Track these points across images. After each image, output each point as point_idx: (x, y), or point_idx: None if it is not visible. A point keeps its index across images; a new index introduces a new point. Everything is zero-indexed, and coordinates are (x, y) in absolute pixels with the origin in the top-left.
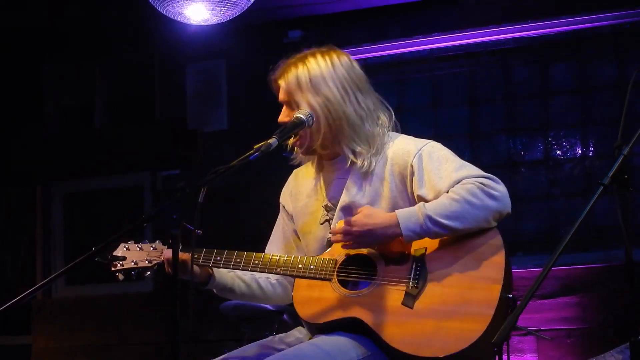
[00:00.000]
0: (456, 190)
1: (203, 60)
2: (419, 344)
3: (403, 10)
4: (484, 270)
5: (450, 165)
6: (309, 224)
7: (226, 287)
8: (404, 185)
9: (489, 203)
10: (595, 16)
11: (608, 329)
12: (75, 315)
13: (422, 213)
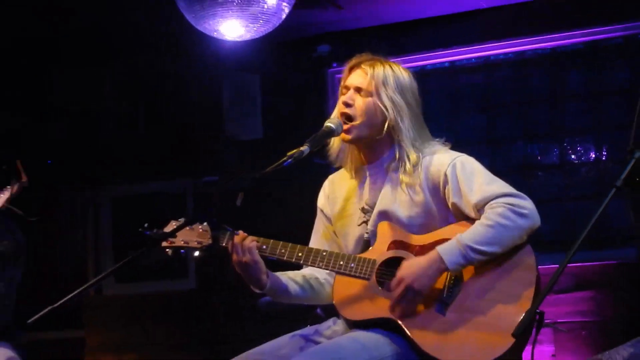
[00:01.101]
0: (488, 215)
1: (238, 73)
2: (448, 351)
3: (424, 26)
4: (516, 288)
5: (481, 178)
6: (347, 226)
7: (281, 288)
8: (437, 192)
9: (521, 223)
10: (607, 28)
11: (621, 323)
12: (124, 311)
13: (461, 245)
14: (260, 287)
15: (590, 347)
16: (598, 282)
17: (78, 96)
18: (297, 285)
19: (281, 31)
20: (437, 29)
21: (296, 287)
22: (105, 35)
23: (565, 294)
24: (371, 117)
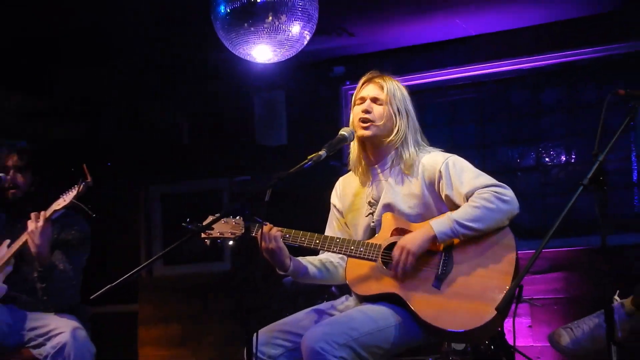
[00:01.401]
0: (475, 199)
1: (267, 90)
2: (443, 319)
3: (423, 50)
4: (498, 264)
5: (470, 173)
6: (356, 217)
7: (301, 271)
8: (432, 186)
9: (503, 207)
10: (577, 51)
11: (586, 299)
12: (171, 288)
13: (450, 220)
14: (284, 269)
15: (561, 319)
16: (568, 265)
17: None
18: (315, 267)
19: (303, 55)
20: (433, 53)
21: (314, 270)
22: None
23: (540, 275)
24: (386, 121)
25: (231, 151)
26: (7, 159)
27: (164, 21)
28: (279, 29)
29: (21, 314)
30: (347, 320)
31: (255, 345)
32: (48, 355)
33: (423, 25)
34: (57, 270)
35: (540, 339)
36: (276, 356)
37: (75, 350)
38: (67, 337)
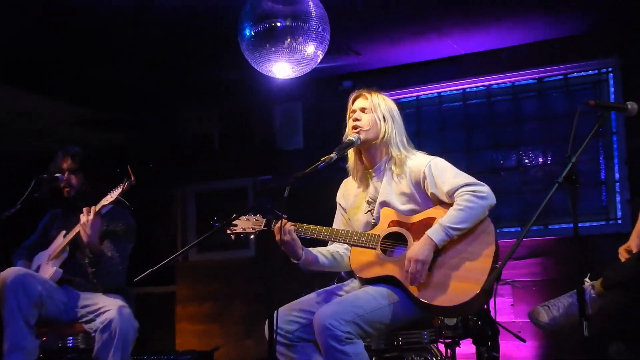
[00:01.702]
0: (458, 202)
1: (286, 102)
2: (434, 296)
3: (420, 67)
4: (481, 248)
5: (450, 173)
6: (357, 214)
7: (312, 259)
8: (419, 185)
9: (482, 203)
10: (551, 68)
11: (561, 281)
12: (204, 272)
13: (443, 227)
14: (297, 258)
15: (539, 299)
16: (545, 251)
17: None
18: (324, 257)
19: (316, 71)
20: (428, 69)
21: (323, 259)
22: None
23: (521, 260)
24: (373, 125)
25: (255, 155)
26: (62, 162)
27: (198, 47)
28: (296, 49)
29: (75, 294)
30: (353, 300)
31: (276, 322)
32: (97, 329)
33: (419, 45)
34: (105, 257)
35: (521, 316)
36: (292, 331)
37: (121, 325)
38: (114, 313)
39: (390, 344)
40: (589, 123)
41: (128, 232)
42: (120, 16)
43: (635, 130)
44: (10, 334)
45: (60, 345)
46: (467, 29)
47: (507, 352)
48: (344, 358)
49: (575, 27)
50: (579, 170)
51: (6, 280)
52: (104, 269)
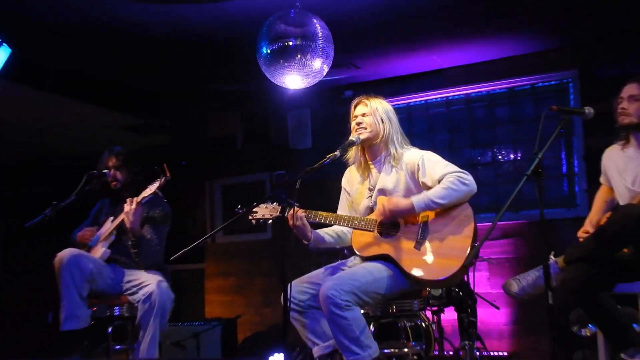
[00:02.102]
0: (444, 182)
1: (297, 108)
2: (422, 271)
3: (410, 78)
4: (461, 229)
5: (440, 164)
6: (359, 198)
7: (320, 240)
8: (413, 175)
9: (463, 188)
10: (520, 79)
11: (529, 258)
12: (229, 252)
13: (426, 197)
14: (307, 240)
15: (511, 273)
16: (516, 233)
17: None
18: (330, 236)
19: (322, 83)
20: (416, 80)
21: (329, 237)
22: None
23: (495, 241)
24: (373, 127)
25: (271, 153)
26: (108, 160)
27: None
28: (305, 64)
29: (120, 271)
30: (351, 274)
31: (289, 292)
32: (139, 300)
33: (409, 60)
34: (145, 240)
35: (496, 287)
36: (304, 300)
37: (159, 296)
38: (154, 287)
39: (385, 311)
40: (552, 125)
41: (165, 218)
42: (157, 39)
43: (591, 131)
44: (67, 304)
45: (108, 314)
46: (450, 47)
47: (484, 318)
48: (344, 322)
49: (541, 44)
50: (544, 165)
51: (63, 260)
52: (144, 249)
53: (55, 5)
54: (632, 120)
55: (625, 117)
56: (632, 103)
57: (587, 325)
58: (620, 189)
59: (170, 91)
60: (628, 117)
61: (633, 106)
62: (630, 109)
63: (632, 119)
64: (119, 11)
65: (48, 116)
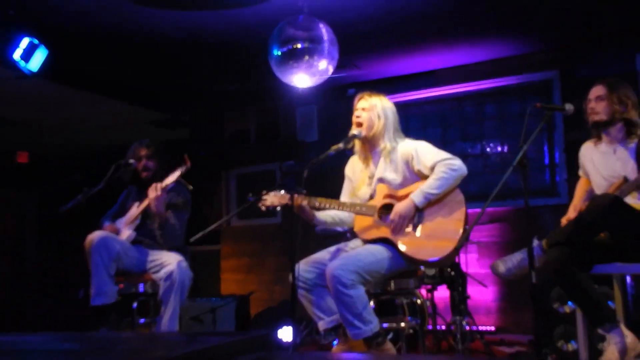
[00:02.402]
0: (435, 172)
1: (304, 105)
2: (418, 252)
3: (406, 78)
4: (453, 214)
5: (432, 153)
6: (360, 186)
7: (323, 222)
8: (408, 164)
9: (454, 174)
10: (508, 78)
11: (515, 241)
12: (242, 235)
13: (422, 192)
14: (310, 221)
15: (498, 255)
16: (503, 219)
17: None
18: (332, 218)
19: (328, 81)
20: (412, 80)
21: (330, 219)
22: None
23: (484, 225)
24: (371, 122)
25: (281, 145)
26: (139, 151)
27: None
28: (312, 65)
29: (144, 251)
30: (355, 255)
31: (297, 272)
32: (161, 278)
33: (406, 61)
34: (169, 224)
35: (485, 268)
36: (311, 279)
37: (180, 275)
38: (174, 266)
39: (384, 289)
40: (536, 120)
41: (185, 204)
42: (178, 43)
43: (571, 126)
44: (96, 282)
45: (133, 291)
46: (443, 49)
47: (474, 295)
48: (348, 299)
49: (526, 48)
50: (528, 156)
51: (92, 241)
52: (167, 232)
53: (89, 12)
54: (601, 117)
55: (595, 115)
56: (599, 102)
57: (567, 303)
58: (597, 181)
59: (190, 90)
60: (597, 114)
61: (600, 105)
62: (598, 108)
63: (601, 116)
64: (143, 18)
65: (81, 112)
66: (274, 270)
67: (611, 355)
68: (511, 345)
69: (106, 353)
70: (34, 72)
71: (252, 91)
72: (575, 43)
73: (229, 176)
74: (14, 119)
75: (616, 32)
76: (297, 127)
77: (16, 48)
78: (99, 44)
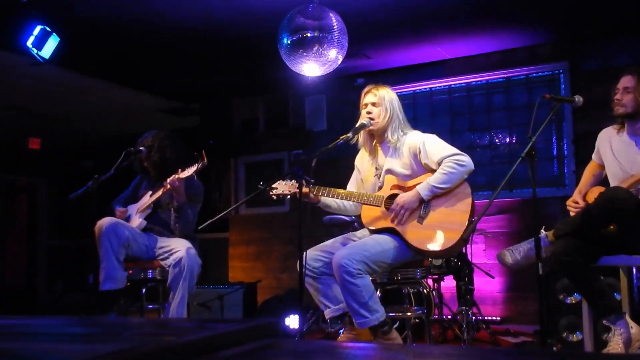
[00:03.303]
0: (443, 167)
1: (313, 94)
2: (424, 243)
3: (416, 68)
4: (460, 205)
5: (440, 146)
6: (368, 177)
7: (328, 205)
8: (415, 157)
9: (461, 169)
10: (516, 69)
11: (522, 232)
12: (250, 223)
13: (429, 185)
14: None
15: (505, 245)
16: (510, 210)
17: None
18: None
19: (337, 71)
20: (421, 70)
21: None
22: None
23: (491, 216)
24: (381, 116)
25: (290, 134)
26: (149, 140)
27: (248, 53)
28: (322, 54)
29: (154, 239)
30: (362, 245)
31: (305, 260)
32: (170, 265)
33: (415, 51)
34: (184, 211)
35: (491, 259)
36: (318, 267)
37: (188, 261)
38: (183, 253)
39: (391, 279)
40: (544, 112)
41: (198, 195)
42: (188, 31)
43: (580, 118)
44: (105, 267)
45: (142, 277)
46: (452, 39)
47: (480, 286)
48: (355, 288)
49: (536, 39)
50: (537, 147)
51: (102, 227)
52: (182, 221)
53: (100, 1)
54: (626, 110)
55: (620, 108)
56: (626, 94)
57: (573, 294)
58: (613, 169)
59: (200, 78)
60: (622, 107)
61: (627, 97)
62: (624, 100)
63: (626, 109)
64: (154, 6)
65: (92, 99)
66: (281, 258)
67: (616, 346)
68: (516, 335)
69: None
70: (46, 59)
71: (262, 80)
72: (584, 35)
73: (238, 164)
74: (27, 106)
75: (625, 24)
76: (306, 116)
77: (29, 36)
78: (110, 32)
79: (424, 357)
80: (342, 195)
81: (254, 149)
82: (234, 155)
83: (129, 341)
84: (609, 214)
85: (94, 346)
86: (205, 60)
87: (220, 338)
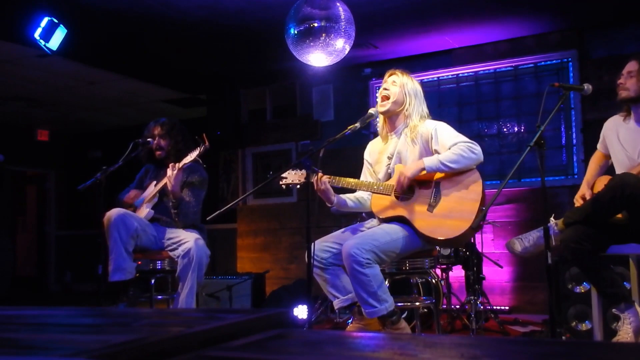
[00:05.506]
0: (454, 148)
1: (321, 84)
2: (434, 231)
3: (423, 57)
4: (470, 193)
5: (452, 134)
6: (379, 167)
7: (342, 204)
8: (427, 144)
9: (471, 155)
10: (524, 58)
11: (531, 220)
12: (258, 213)
13: (437, 159)
14: (330, 203)
15: (513, 235)
16: (518, 199)
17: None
18: (352, 201)
19: (344, 61)
20: (429, 59)
21: (351, 202)
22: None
23: (500, 206)
24: (397, 97)
25: (297, 124)
26: (154, 129)
27: (255, 43)
28: (329, 44)
29: (162, 229)
30: (371, 234)
31: (313, 250)
32: (179, 255)
33: (423, 41)
34: (184, 202)
35: (500, 248)
36: (326, 258)
37: (197, 252)
38: (192, 244)
39: (400, 269)
40: (553, 100)
41: (202, 182)
42: (197, 22)
43: (589, 106)
44: (114, 258)
45: (151, 267)
46: (460, 28)
47: (489, 276)
48: (364, 278)
49: (544, 27)
50: (545, 136)
51: (111, 218)
52: (183, 210)
53: None
54: (629, 94)
55: (623, 91)
56: (629, 79)
57: (582, 283)
58: (619, 157)
59: (209, 69)
60: (625, 91)
61: (630, 81)
62: (628, 84)
63: (629, 93)
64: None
65: (100, 90)
66: (289, 249)
67: (625, 335)
68: (525, 324)
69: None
70: (54, 50)
71: (269, 70)
72: (593, 23)
73: (246, 155)
74: (35, 97)
75: (634, 12)
76: (313, 107)
77: (37, 27)
78: (117, 23)
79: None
80: (352, 185)
81: (262, 140)
82: (242, 146)
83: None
84: (619, 200)
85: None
86: (213, 51)
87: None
